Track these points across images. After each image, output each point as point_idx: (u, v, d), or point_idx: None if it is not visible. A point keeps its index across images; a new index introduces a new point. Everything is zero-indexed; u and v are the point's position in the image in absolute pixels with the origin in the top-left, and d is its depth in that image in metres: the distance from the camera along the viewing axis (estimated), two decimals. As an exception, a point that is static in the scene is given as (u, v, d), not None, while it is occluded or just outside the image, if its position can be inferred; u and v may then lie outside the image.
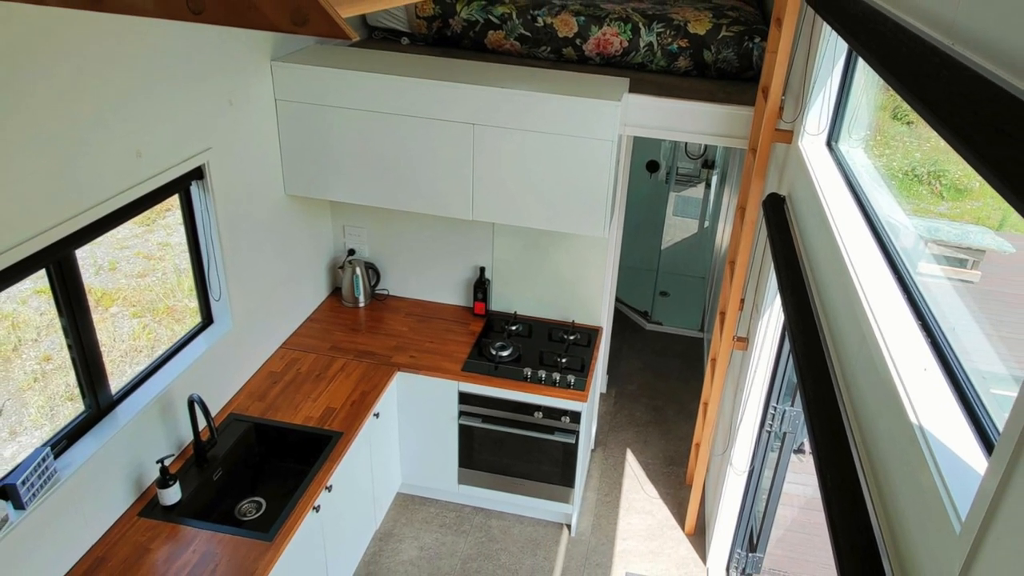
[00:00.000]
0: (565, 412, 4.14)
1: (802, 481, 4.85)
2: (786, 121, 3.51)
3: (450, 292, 4.82)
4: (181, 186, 3.27)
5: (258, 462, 3.78)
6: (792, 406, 3.59)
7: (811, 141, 3.26)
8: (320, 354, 4.27)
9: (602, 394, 5.73)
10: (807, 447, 4.67)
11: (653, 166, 6.77)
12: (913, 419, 1.66)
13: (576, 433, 4.18)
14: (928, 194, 2.80)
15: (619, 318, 6.73)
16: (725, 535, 4.27)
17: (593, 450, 5.27)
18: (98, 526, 3.01)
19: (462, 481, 4.51)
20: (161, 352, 3.48)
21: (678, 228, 7.22)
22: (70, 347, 2.91)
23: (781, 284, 2.78)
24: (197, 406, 3.36)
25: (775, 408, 3.63)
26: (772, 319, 3.58)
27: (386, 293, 4.91)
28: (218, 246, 3.53)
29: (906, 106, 2.63)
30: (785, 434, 3.64)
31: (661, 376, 6.07)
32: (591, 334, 4.62)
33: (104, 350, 3.05)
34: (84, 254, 2.87)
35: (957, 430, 1.63)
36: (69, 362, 2.95)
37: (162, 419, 3.31)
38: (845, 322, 2.27)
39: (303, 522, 3.23)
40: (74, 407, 4.34)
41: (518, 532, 4.56)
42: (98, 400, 3.05)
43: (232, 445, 3.59)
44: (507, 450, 4.32)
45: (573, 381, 4.15)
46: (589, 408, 4.41)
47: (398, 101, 3.76)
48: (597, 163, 3.72)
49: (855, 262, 2.29)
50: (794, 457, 3.88)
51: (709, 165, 6.81)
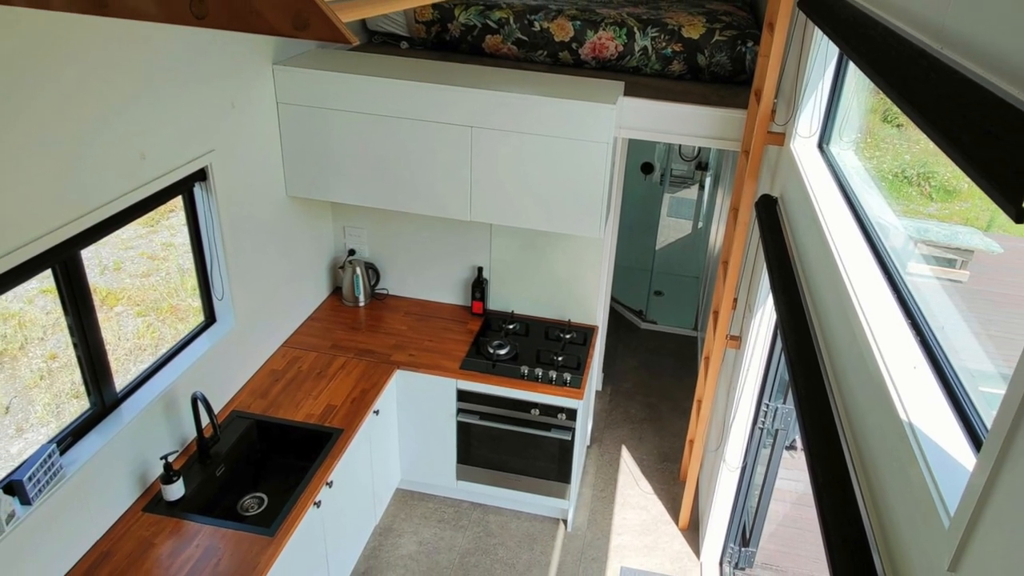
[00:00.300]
0: (561, 409, 4.13)
1: (794, 477, 4.85)
2: (778, 124, 3.51)
3: (448, 292, 4.81)
4: (184, 187, 3.27)
5: (260, 458, 3.77)
6: (784, 403, 3.59)
7: (803, 143, 3.26)
8: (321, 352, 4.27)
9: (598, 392, 5.73)
10: (799, 444, 4.67)
11: (648, 168, 6.77)
12: (903, 416, 1.66)
13: (572, 430, 4.18)
14: (917, 195, 2.80)
15: (614, 317, 6.73)
16: (718, 530, 4.27)
17: (589, 447, 5.27)
18: (103, 521, 3.00)
19: (460, 477, 4.51)
20: (165, 350, 3.47)
21: (672, 229, 7.21)
22: (75, 345, 2.90)
23: (773, 284, 2.78)
24: (200, 403, 3.35)
25: (767, 405, 3.63)
26: (764, 318, 3.58)
27: (386, 293, 4.91)
28: (221, 246, 3.53)
29: (896, 109, 2.63)
30: (777, 431, 3.64)
31: (655, 374, 6.07)
32: (587, 333, 4.62)
33: (109, 348, 3.04)
34: (89, 254, 2.87)
35: (946, 427, 1.63)
36: (75, 360, 2.94)
37: (166, 416, 3.31)
38: (836, 321, 2.27)
39: (304, 517, 3.23)
40: (79, 404, 4.33)
41: (515, 527, 4.56)
42: (103, 398, 3.04)
43: (235, 442, 3.58)
44: (504, 447, 4.32)
45: (569, 379, 4.15)
46: (585, 405, 4.41)
47: (397, 104, 3.76)
48: (593, 165, 3.72)
49: (846, 262, 2.29)
50: (786, 453, 3.89)
51: (703, 167, 6.81)
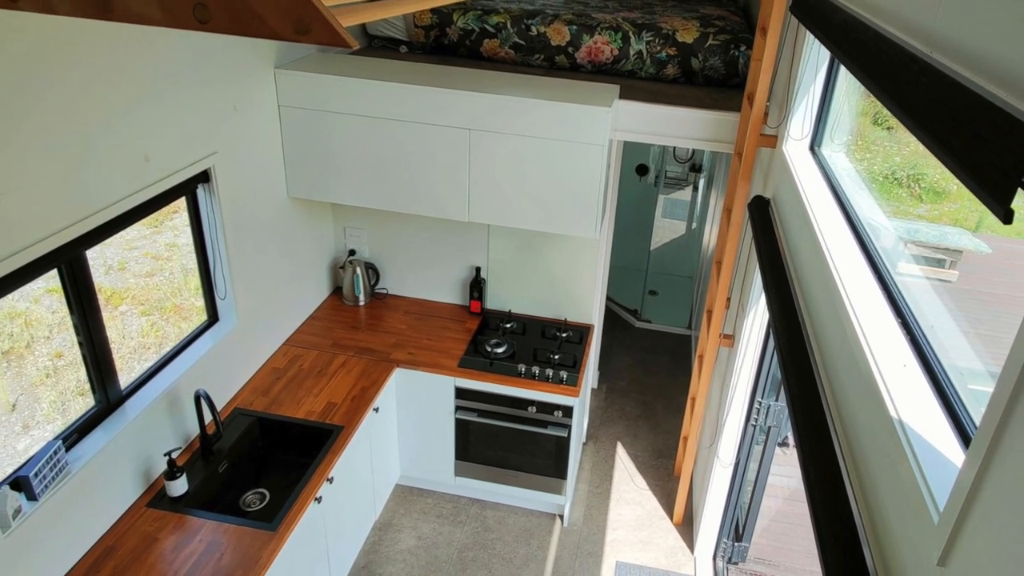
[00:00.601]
0: (558, 407, 4.13)
1: (786, 473, 4.86)
2: (771, 126, 3.51)
3: (447, 291, 4.81)
4: (188, 189, 3.26)
5: (262, 455, 3.77)
6: (776, 401, 3.59)
7: (795, 145, 3.26)
8: (322, 351, 4.26)
9: (593, 389, 5.73)
10: (791, 440, 4.67)
11: (643, 170, 6.77)
12: (893, 413, 1.66)
13: (568, 427, 4.18)
14: (907, 197, 2.80)
15: (610, 316, 6.73)
16: (712, 525, 4.27)
17: (585, 443, 5.27)
18: (108, 516, 3.00)
19: (458, 473, 4.51)
20: (168, 349, 3.46)
21: (667, 229, 7.22)
22: (81, 344, 2.89)
23: (766, 283, 2.78)
24: (203, 401, 3.34)
25: (760, 403, 3.63)
26: (757, 317, 3.58)
27: (385, 292, 4.90)
28: (223, 247, 3.52)
29: (886, 112, 2.64)
30: (770, 428, 3.64)
31: (650, 372, 6.07)
32: (583, 332, 4.62)
33: (113, 347, 3.03)
34: (94, 254, 2.86)
35: (935, 424, 1.63)
36: (80, 358, 2.94)
37: (169, 413, 3.30)
38: (828, 320, 2.27)
39: (305, 513, 3.23)
40: (85, 402, 4.32)
41: (512, 522, 4.56)
42: (108, 395, 3.04)
43: (237, 438, 3.58)
44: (502, 443, 4.32)
45: (565, 377, 4.15)
46: (581, 403, 4.40)
47: (397, 107, 3.75)
48: (589, 167, 3.71)
49: (837, 262, 2.29)
50: (778, 450, 3.89)
51: (696, 169, 6.81)
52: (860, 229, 2.48)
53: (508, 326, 4.60)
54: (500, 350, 4.33)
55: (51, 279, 3.25)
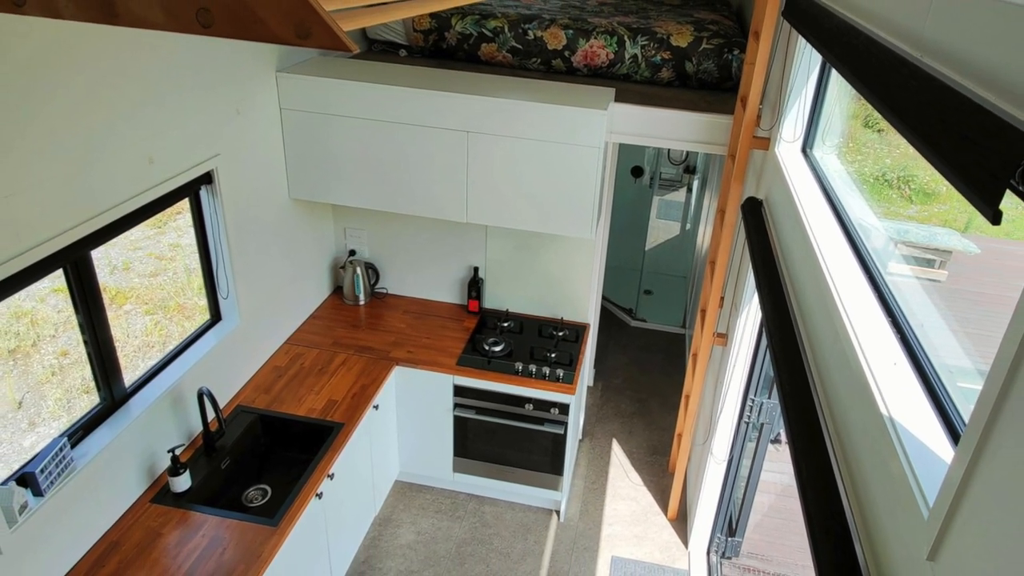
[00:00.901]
0: (554, 404, 4.13)
1: (778, 469, 4.85)
2: (763, 129, 3.51)
3: (446, 291, 4.81)
4: (191, 190, 3.25)
5: (264, 451, 3.76)
6: (769, 398, 3.60)
7: (787, 148, 3.26)
8: (323, 349, 4.26)
9: (589, 387, 5.73)
10: (783, 437, 4.67)
11: (637, 171, 6.77)
12: (884, 411, 1.66)
13: (565, 424, 4.18)
14: (898, 198, 2.80)
15: (605, 315, 6.73)
16: (706, 520, 4.27)
17: (581, 440, 5.27)
18: (112, 512, 2.99)
19: (457, 469, 4.50)
20: (172, 347, 3.46)
21: (661, 230, 7.21)
22: (86, 343, 2.89)
23: (759, 283, 2.78)
24: (206, 398, 3.34)
25: (753, 400, 3.63)
26: (750, 316, 3.58)
27: (385, 292, 4.90)
28: (226, 247, 3.51)
29: (877, 114, 2.64)
30: (762, 425, 3.64)
31: (645, 370, 6.07)
32: (579, 330, 4.62)
33: (118, 345, 3.03)
34: (99, 255, 2.85)
35: (925, 421, 1.63)
36: (85, 357, 2.93)
37: (173, 411, 3.30)
38: (819, 319, 2.27)
39: (306, 508, 3.22)
40: (90, 399, 4.32)
41: (510, 517, 4.56)
42: (113, 393, 3.03)
43: (239, 435, 3.57)
44: (499, 440, 4.32)
45: (562, 375, 4.14)
46: (577, 400, 4.40)
47: (396, 110, 3.75)
48: (584, 168, 3.71)
49: (829, 262, 2.29)
50: (771, 447, 3.89)
51: (691, 170, 6.81)
52: (851, 230, 2.48)
53: (505, 325, 4.60)
54: (498, 349, 4.33)
55: (57, 279, 3.24)
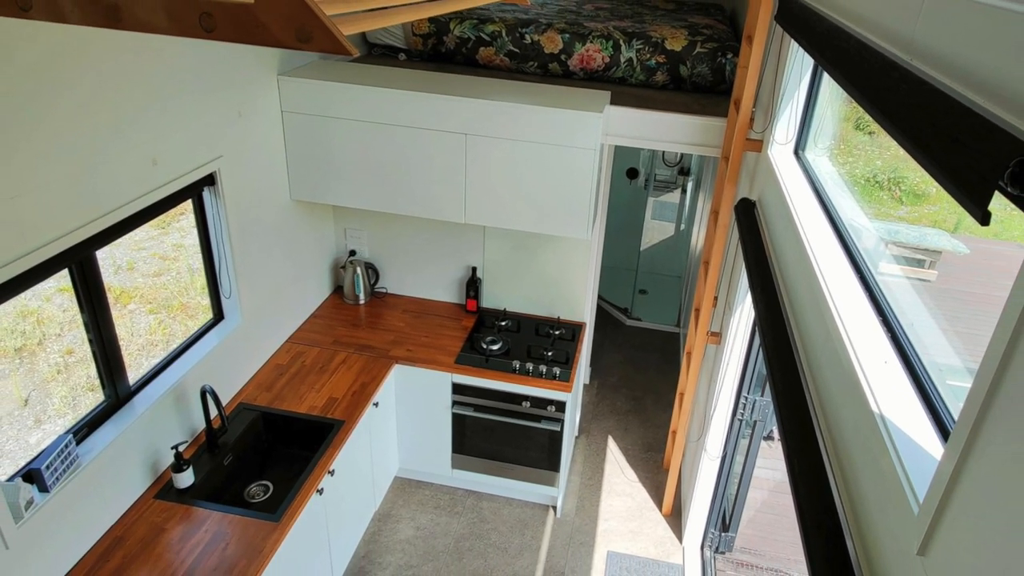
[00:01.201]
0: (551, 402, 4.13)
1: (771, 466, 4.86)
2: (756, 131, 3.51)
3: (444, 290, 4.80)
4: (194, 192, 3.25)
5: (266, 448, 3.76)
6: (762, 396, 3.60)
7: (780, 150, 3.26)
8: (323, 348, 4.25)
9: (585, 385, 5.73)
10: (776, 434, 4.68)
11: (633, 173, 6.77)
12: (875, 408, 1.66)
13: (561, 421, 4.18)
14: (888, 199, 2.80)
15: (601, 314, 6.73)
16: (700, 516, 4.27)
17: (577, 437, 5.27)
18: (117, 508, 2.99)
19: (455, 466, 4.50)
20: (175, 346, 3.45)
21: (656, 231, 7.21)
22: (91, 341, 2.88)
23: (752, 283, 2.78)
24: (209, 396, 3.33)
25: (746, 398, 3.64)
26: (743, 315, 3.58)
27: (385, 291, 4.89)
28: (228, 247, 3.51)
29: (868, 117, 2.64)
30: (755, 422, 3.65)
31: (640, 368, 6.07)
32: (575, 329, 4.62)
33: (122, 344, 3.02)
34: (104, 255, 2.85)
35: (915, 419, 1.63)
36: (90, 355, 2.92)
37: (176, 408, 3.29)
38: (811, 318, 2.27)
39: (307, 504, 3.22)
40: (95, 397, 4.31)
41: (507, 513, 4.56)
42: (117, 391, 3.02)
43: (241, 432, 3.57)
44: (497, 437, 4.31)
45: (558, 373, 4.14)
46: (573, 398, 4.40)
47: (396, 113, 3.74)
48: (580, 170, 3.71)
49: (821, 262, 2.29)
50: (764, 443, 3.89)
51: (685, 172, 6.81)
52: (843, 230, 2.48)
53: (503, 324, 4.59)
54: (495, 347, 4.33)
55: (62, 278, 3.24)
